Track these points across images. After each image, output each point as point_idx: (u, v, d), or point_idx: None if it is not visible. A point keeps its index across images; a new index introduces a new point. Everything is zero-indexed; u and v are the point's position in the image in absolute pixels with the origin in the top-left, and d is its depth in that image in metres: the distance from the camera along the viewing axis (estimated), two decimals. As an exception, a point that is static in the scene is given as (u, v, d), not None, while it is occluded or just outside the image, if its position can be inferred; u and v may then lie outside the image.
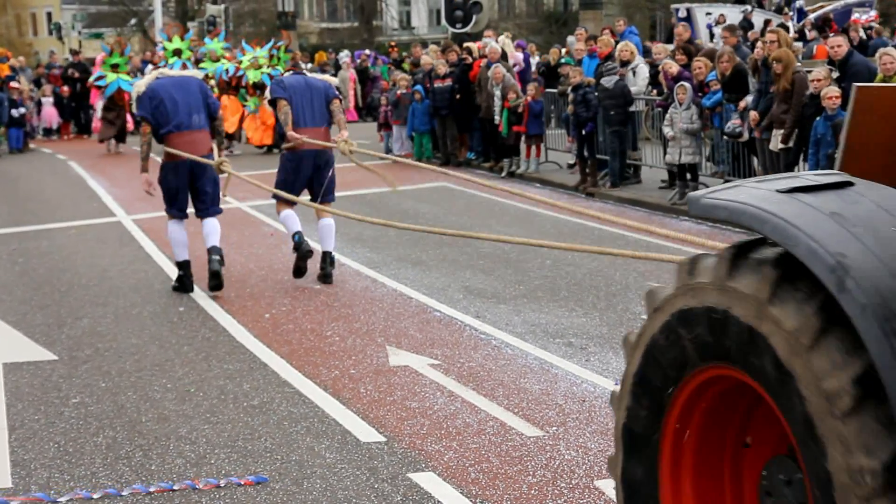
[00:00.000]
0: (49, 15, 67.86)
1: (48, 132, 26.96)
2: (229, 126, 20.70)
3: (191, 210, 9.68)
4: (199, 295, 9.48)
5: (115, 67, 22.36)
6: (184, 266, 9.55)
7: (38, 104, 26.50)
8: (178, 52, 22.09)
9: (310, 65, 26.31)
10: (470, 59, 18.92)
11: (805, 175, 3.16)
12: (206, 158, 9.33)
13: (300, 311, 8.86)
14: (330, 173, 9.67)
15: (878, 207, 2.90)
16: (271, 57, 22.00)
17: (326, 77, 10.47)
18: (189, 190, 9.48)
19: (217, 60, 21.91)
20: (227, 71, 21.52)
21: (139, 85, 9.60)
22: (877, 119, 3.54)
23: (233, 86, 21.56)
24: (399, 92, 19.91)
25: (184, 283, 9.57)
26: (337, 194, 10.16)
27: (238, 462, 5.63)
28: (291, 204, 9.65)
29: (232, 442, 5.93)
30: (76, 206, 15.37)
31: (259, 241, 11.86)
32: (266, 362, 7.42)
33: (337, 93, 9.90)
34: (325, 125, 9.66)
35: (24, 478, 5.50)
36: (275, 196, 9.66)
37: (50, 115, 26.79)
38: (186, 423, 6.23)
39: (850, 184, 3.02)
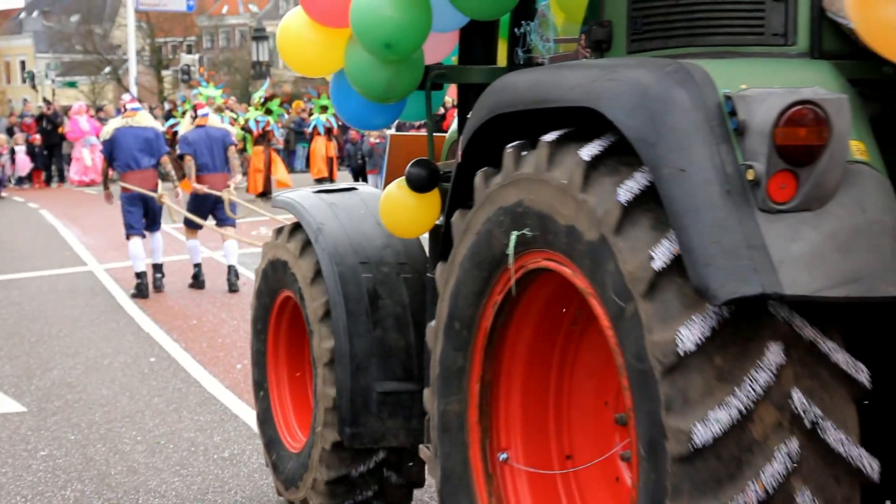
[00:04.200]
0: (23, 63, 67.90)
1: (20, 181, 26.89)
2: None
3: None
4: (171, 346, 9.45)
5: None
6: (141, 276, 11.65)
7: (12, 152, 26.46)
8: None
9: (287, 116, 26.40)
10: (443, 111, 19.05)
11: (339, 184, 5.44)
12: (151, 192, 11.68)
13: (272, 361, 8.82)
14: (227, 206, 11.99)
15: (360, 201, 5.01)
16: (266, 101, 22.17)
17: (225, 125, 13.04)
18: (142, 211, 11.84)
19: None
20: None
21: (105, 131, 12.13)
22: (403, 155, 5.24)
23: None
24: (372, 141, 20.03)
25: (140, 290, 11.63)
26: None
27: (208, 515, 5.59)
28: (196, 233, 12.13)
29: (202, 495, 5.89)
30: (47, 255, 15.30)
31: (231, 291, 11.84)
32: (237, 414, 7.38)
33: (234, 140, 12.45)
34: (226, 170, 12.08)
35: (-10, 532, 5.44)
36: (186, 223, 12.19)
37: (23, 163, 26.74)
38: (156, 476, 6.18)
39: (355, 189, 5.18)
